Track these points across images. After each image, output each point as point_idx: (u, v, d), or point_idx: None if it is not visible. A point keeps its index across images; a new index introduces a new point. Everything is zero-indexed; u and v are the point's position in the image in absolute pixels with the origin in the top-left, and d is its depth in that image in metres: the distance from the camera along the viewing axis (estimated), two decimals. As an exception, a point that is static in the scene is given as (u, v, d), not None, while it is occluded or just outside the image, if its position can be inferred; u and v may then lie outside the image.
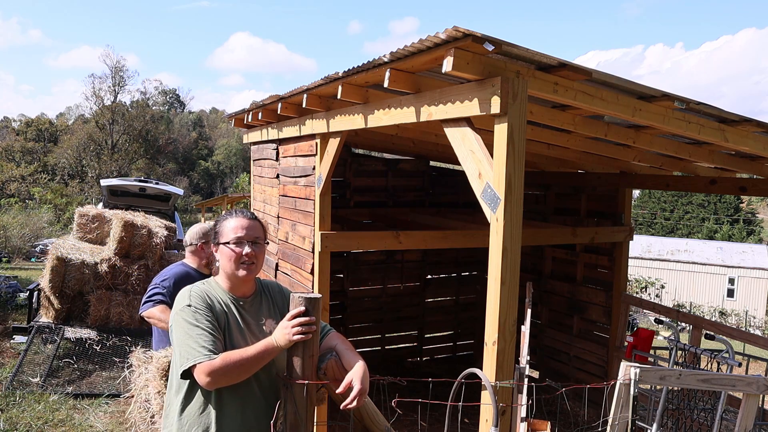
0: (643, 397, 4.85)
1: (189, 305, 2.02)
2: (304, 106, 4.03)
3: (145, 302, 3.48)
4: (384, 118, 3.39)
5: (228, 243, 2.08)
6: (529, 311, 4.09)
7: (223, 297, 2.11)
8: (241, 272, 2.08)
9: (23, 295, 8.29)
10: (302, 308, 2.02)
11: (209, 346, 1.95)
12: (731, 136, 3.36)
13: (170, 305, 3.23)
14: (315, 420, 2.30)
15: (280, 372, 2.14)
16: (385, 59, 2.81)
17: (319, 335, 2.12)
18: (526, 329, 3.89)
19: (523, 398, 3.13)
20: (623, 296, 5.97)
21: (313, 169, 4.46)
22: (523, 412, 3.12)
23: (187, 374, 1.97)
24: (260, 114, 5.08)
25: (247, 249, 2.08)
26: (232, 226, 2.11)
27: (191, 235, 3.64)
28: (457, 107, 2.73)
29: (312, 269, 4.41)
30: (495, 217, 2.51)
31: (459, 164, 2.88)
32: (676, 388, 4.42)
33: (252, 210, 6.98)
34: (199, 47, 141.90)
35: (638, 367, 2.38)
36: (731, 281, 28.92)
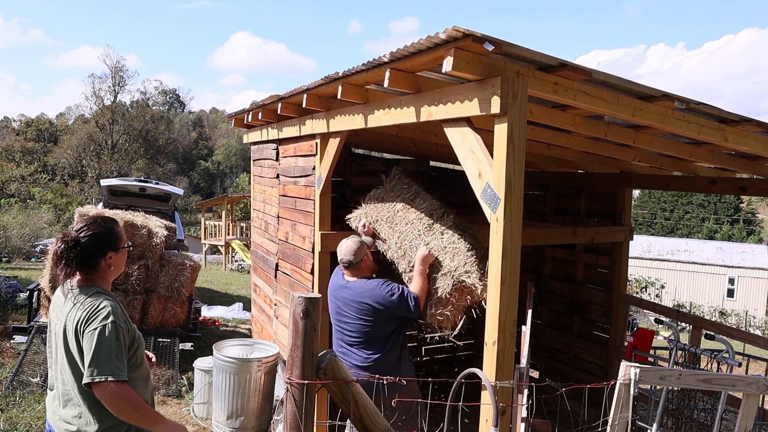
0: (643, 397, 4.85)
1: (114, 322, 2.11)
2: (304, 106, 4.03)
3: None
4: (384, 118, 3.39)
5: (127, 246, 2.33)
6: (530, 311, 4.09)
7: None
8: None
9: (23, 295, 8.29)
10: None
11: (124, 370, 2.10)
12: (731, 136, 3.36)
13: None
14: (315, 420, 2.30)
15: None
16: (385, 59, 2.81)
17: (318, 335, 2.13)
18: (526, 329, 3.89)
19: (524, 398, 3.13)
20: (623, 296, 5.97)
21: (313, 169, 4.45)
22: (523, 412, 3.12)
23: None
24: (260, 114, 5.08)
25: None
26: (122, 231, 2.34)
27: (354, 252, 3.46)
28: (457, 107, 2.73)
29: (312, 269, 4.41)
30: (495, 217, 2.51)
31: (459, 164, 2.88)
32: (676, 388, 4.42)
33: (252, 210, 6.98)
34: (199, 47, 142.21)
35: (638, 367, 2.38)
36: (731, 281, 28.92)
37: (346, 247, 3.57)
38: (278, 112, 4.55)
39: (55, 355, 2.24)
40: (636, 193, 43.11)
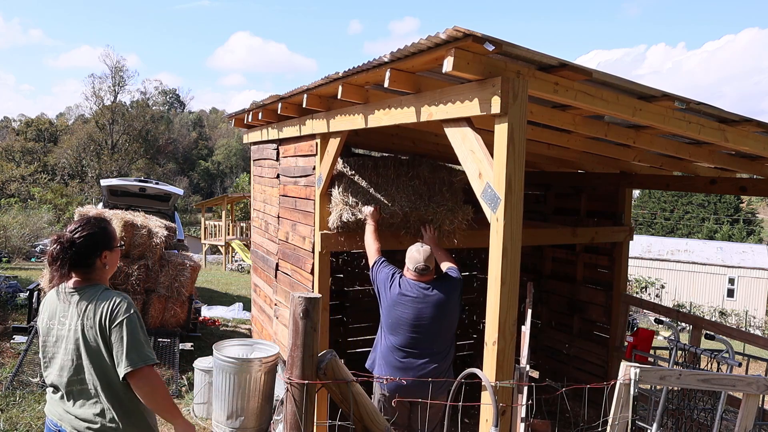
0: (643, 397, 4.85)
1: (135, 311, 2.22)
2: (304, 106, 4.03)
3: None
4: (384, 118, 3.39)
5: (120, 245, 2.39)
6: (529, 311, 4.10)
7: None
8: None
9: (23, 295, 8.29)
10: None
11: (154, 354, 2.23)
12: (731, 136, 3.36)
13: None
14: (315, 420, 2.31)
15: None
16: (386, 59, 2.81)
17: (318, 335, 2.13)
18: (526, 329, 3.89)
19: (523, 398, 3.14)
20: (623, 296, 5.96)
21: (313, 169, 4.45)
22: (523, 412, 3.12)
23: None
24: (260, 114, 5.08)
25: None
26: (114, 230, 2.41)
27: (430, 257, 3.60)
28: (458, 107, 2.73)
29: (312, 269, 4.41)
30: (495, 217, 2.51)
31: (459, 164, 2.88)
32: (676, 388, 4.42)
33: (252, 210, 6.98)
34: (199, 47, 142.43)
35: (638, 367, 2.38)
36: (731, 281, 28.91)
37: (424, 255, 3.56)
38: (278, 112, 4.55)
39: (64, 359, 2.24)
40: (636, 193, 43.13)
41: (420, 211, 4.18)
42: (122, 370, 2.12)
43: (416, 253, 3.59)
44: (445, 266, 3.81)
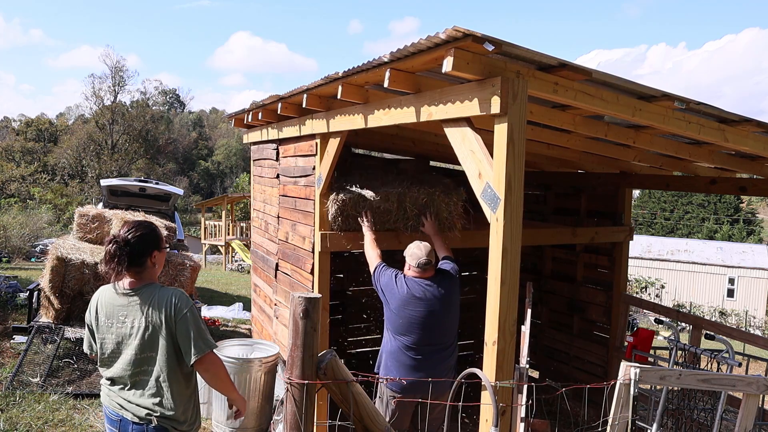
0: (643, 397, 4.85)
1: (193, 304, 2.41)
2: (304, 106, 4.03)
3: None
4: (384, 118, 3.39)
5: (166, 247, 2.55)
6: (529, 311, 4.10)
7: None
8: None
9: (23, 295, 8.28)
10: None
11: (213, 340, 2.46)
12: (731, 136, 3.36)
13: None
14: (315, 420, 2.31)
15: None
16: (385, 59, 2.81)
17: (318, 335, 2.13)
18: (526, 329, 3.89)
19: (523, 398, 3.14)
20: (623, 296, 5.96)
21: (313, 169, 4.46)
22: (522, 412, 3.12)
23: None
24: (260, 114, 5.08)
25: None
26: (162, 233, 2.58)
27: (431, 251, 3.65)
28: (457, 107, 2.73)
29: (312, 269, 4.41)
30: (495, 217, 2.51)
31: (459, 164, 2.88)
32: (676, 388, 4.42)
33: (252, 210, 6.98)
34: (199, 47, 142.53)
35: (638, 367, 2.38)
36: (731, 281, 28.91)
37: (425, 250, 3.61)
38: (278, 112, 4.55)
39: (128, 354, 2.42)
40: (636, 193, 43.14)
41: (414, 193, 4.20)
42: (192, 358, 2.34)
43: (417, 250, 3.63)
44: (441, 255, 3.88)
